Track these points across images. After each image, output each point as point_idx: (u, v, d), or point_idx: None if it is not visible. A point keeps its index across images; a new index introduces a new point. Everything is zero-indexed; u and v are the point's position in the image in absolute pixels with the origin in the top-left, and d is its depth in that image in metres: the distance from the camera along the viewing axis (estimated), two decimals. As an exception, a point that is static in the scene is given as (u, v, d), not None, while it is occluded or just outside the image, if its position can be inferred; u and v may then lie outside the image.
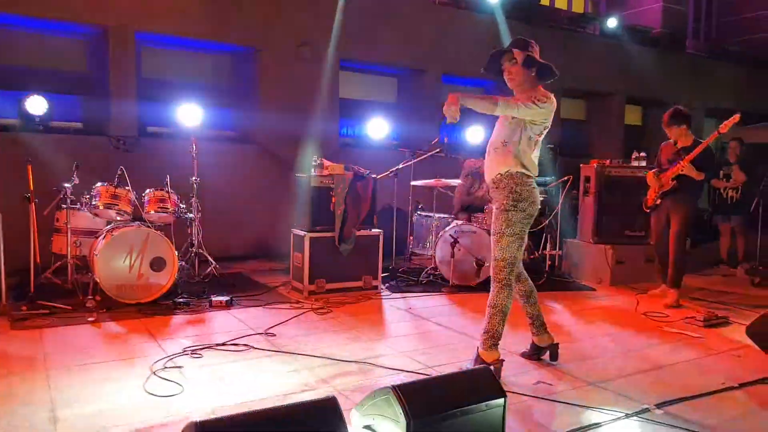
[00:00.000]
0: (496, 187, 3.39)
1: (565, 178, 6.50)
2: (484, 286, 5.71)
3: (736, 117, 4.99)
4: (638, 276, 6.18)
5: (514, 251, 3.36)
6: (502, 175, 3.36)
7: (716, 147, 11.66)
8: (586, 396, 3.13)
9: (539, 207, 3.48)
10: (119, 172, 5.07)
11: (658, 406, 2.99)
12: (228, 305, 4.80)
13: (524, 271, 3.66)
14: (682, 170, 5.16)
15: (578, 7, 11.85)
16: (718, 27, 13.79)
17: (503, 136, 3.37)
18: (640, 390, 3.23)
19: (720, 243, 7.60)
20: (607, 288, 6.04)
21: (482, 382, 2.51)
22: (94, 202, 4.90)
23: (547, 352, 3.68)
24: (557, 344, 3.68)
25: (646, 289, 5.80)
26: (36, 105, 6.19)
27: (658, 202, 5.44)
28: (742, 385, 3.32)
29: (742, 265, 7.08)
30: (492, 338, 3.37)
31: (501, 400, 2.45)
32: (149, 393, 3.01)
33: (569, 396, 3.11)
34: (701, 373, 3.53)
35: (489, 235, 5.77)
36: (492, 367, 3.28)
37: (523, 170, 3.35)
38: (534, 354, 3.70)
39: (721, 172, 7.36)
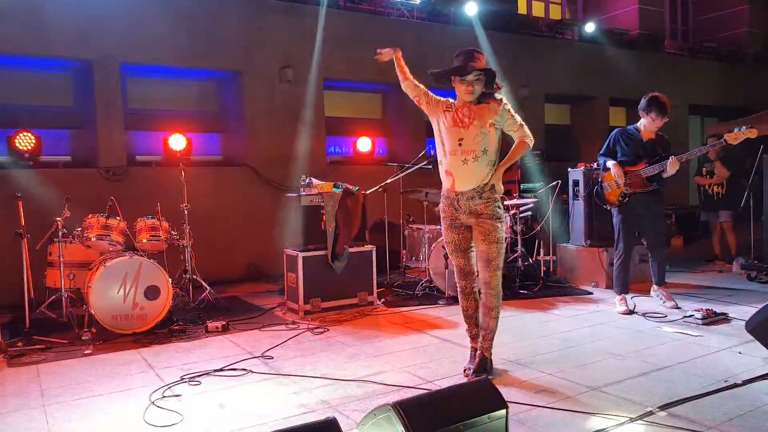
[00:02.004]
0: (479, 195, 3.43)
1: (554, 183, 6.55)
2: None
3: (754, 131, 4.64)
4: (634, 277, 6.19)
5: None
6: (488, 184, 3.44)
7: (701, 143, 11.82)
8: (588, 402, 3.12)
9: None
10: (110, 203, 5.07)
11: (662, 408, 2.98)
12: (224, 330, 4.78)
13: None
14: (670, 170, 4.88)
15: (556, 14, 12.01)
16: (695, 25, 14.02)
17: (483, 144, 3.41)
18: (643, 393, 3.23)
19: (712, 239, 7.65)
20: (604, 290, 6.05)
21: (483, 394, 2.50)
22: (85, 234, 4.88)
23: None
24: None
25: (642, 290, 5.82)
26: (24, 141, 6.22)
27: (625, 201, 5.08)
28: (745, 382, 3.31)
29: (737, 260, 7.12)
30: (493, 339, 3.57)
31: (503, 411, 2.45)
32: (149, 423, 2.98)
33: (571, 403, 3.11)
34: (703, 372, 3.53)
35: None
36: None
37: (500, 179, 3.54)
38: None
39: (704, 169, 7.42)
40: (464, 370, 3.59)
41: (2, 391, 3.51)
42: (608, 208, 5.28)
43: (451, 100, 3.61)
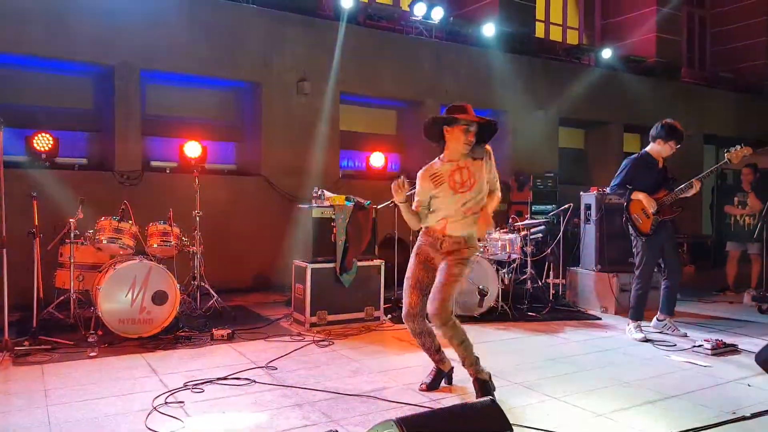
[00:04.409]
0: (466, 240, 3.50)
1: (566, 206, 6.52)
2: (486, 316, 5.69)
3: (748, 149, 4.78)
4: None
5: None
6: (473, 235, 3.53)
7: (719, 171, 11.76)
8: (594, 428, 3.08)
9: None
10: (122, 207, 5.11)
11: (667, 437, 2.94)
12: (230, 338, 4.77)
13: None
14: (691, 194, 4.95)
15: (573, 39, 12.07)
16: (712, 56, 14.02)
17: (482, 202, 3.51)
18: (649, 421, 3.18)
19: (726, 269, 7.57)
20: (613, 316, 5.99)
21: (488, 415, 2.47)
22: (97, 237, 4.92)
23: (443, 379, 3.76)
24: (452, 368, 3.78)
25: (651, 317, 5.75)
26: (42, 142, 6.31)
27: (654, 228, 5.04)
28: (754, 415, 3.24)
29: (748, 291, 7.04)
30: (478, 361, 3.50)
31: (506, 433, 2.42)
32: (150, 429, 2.97)
33: (577, 428, 3.06)
34: (711, 403, 3.47)
35: (491, 264, 5.79)
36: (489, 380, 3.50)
37: None
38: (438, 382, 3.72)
39: (736, 199, 7.36)
40: (420, 386, 3.66)
41: (6, 389, 3.53)
42: (642, 239, 5.10)
43: (433, 173, 3.59)
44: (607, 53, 10.61)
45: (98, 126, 7.21)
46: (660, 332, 5.23)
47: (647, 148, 5.15)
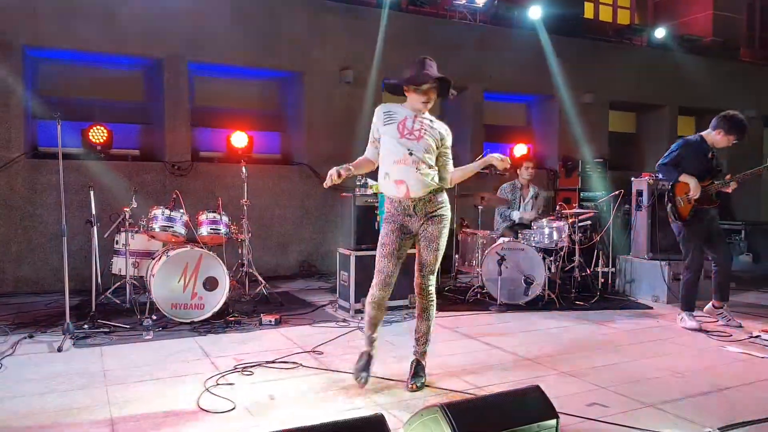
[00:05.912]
0: (429, 200, 3.44)
1: (617, 192, 6.35)
2: (533, 305, 5.61)
3: None
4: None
5: None
6: (439, 188, 3.48)
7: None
8: (643, 418, 3.00)
9: None
10: (174, 196, 5.27)
11: (722, 429, 2.84)
12: (277, 324, 4.88)
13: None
14: (729, 190, 4.86)
15: (624, 19, 11.65)
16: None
17: (430, 157, 3.44)
18: (702, 413, 3.08)
19: None
20: (664, 306, 5.82)
21: (534, 402, 2.46)
22: (150, 225, 5.09)
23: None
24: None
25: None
26: (97, 134, 6.56)
27: (693, 215, 4.91)
28: (814, 409, 3.12)
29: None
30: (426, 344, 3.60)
31: (553, 421, 2.40)
32: (203, 409, 3.08)
33: (625, 419, 3.00)
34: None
35: (538, 252, 5.70)
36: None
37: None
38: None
39: None
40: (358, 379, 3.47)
41: (69, 369, 3.71)
42: (678, 223, 4.98)
43: (389, 110, 3.60)
44: (660, 33, 10.20)
45: (150, 118, 7.44)
46: (715, 321, 5.05)
47: (704, 134, 4.96)
